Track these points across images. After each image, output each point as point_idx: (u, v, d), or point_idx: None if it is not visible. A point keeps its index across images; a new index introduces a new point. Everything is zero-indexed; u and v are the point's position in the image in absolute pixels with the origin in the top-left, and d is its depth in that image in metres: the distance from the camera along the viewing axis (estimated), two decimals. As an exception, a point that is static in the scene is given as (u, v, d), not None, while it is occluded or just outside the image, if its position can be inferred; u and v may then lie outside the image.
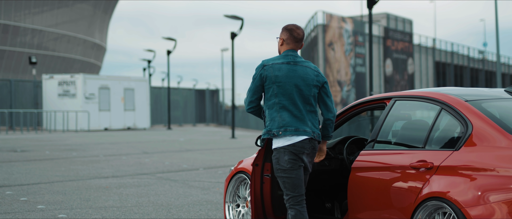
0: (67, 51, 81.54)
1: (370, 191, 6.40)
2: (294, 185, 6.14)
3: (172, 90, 56.36)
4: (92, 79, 43.20)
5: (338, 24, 63.31)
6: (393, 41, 73.57)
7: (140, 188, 12.61)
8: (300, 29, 6.34)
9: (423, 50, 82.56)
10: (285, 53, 6.31)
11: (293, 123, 6.10)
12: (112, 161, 18.53)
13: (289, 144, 6.08)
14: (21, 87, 44.06)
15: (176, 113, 57.05)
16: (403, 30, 77.47)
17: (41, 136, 33.52)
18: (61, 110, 41.74)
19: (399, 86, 74.70)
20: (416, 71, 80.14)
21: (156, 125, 54.13)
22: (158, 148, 24.35)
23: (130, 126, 45.82)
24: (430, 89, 6.61)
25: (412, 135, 6.51)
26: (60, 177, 14.41)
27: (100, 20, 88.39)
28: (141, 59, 58.99)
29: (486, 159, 5.57)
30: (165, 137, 34.55)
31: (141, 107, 46.56)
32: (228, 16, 34.16)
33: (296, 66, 6.21)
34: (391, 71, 73.45)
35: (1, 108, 41.79)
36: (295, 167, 6.12)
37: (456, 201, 5.48)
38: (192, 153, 21.89)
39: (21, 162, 17.93)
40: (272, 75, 6.13)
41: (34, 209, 9.96)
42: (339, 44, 63.46)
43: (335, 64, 62.91)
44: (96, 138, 32.04)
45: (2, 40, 71.66)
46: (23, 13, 73.57)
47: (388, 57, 72.74)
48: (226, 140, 31.20)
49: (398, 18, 77.37)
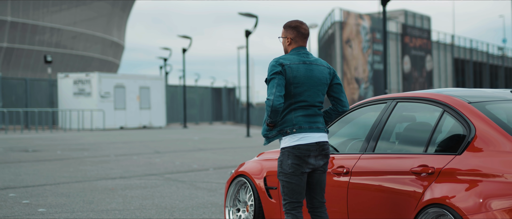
0: (86, 49, 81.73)
1: (369, 196, 6.16)
2: (293, 190, 5.89)
3: (188, 88, 56.24)
4: (108, 78, 43.15)
5: (356, 21, 62.91)
6: (411, 38, 73.06)
7: (146, 189, 12.42)
8: (304, 24, 6.08)
9: (442, 46, 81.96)
10: (296, 51, 6.01)
11: (307, 123, 5.86)
12: (122, 161, 18.37)
13: (296, 145, 5.80)
14: (37, 86, 44.09)
15: (192, 111, 56.92)
16: (421, 27, 76.92)
17: (55, 135, 33.49)
18: (76, 109, 41.73)
19: (417, 83, 74.21)
20: (435, 68, 79.58)
21: (172, 124, 54.04)
22: (170, 147, 24.19)
23: (146, 125, 45.74)
24: (433, 90, 6.35)
25: (413, 138, 6.27)
26: (67, 178, 14.26)
27: (118, 18, 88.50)
28: (158, 57, 58.95)
29: (490, 164, 5.30)
30: (180, 135, 34.42)
31: (156, 105, 46.47)
32: (242, 14, 33.94)
33: (311, 66, 5.95)
34: (409, 68, 72.95)
35: (17, 107, 41.82)
36: (297, 172, 5.85)
37: (458, 208, 5.22)
38: (204, 153, 21.70)
39: (31, 162, 17.81)
40: (291, 76, 5.84)
41: (34, 213, 9.79)
42: (356, 41, 63.08)
43: (352, 61, 62.53)
44: (110, 137, 31.96)
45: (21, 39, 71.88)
46: (41, 12, 73.79)
47: (406, 54, 72.25)
48: (241, 139, 31.00)
49: (416, 14, 76.82)
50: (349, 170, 6.47)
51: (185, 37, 47.42)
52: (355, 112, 7.04)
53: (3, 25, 69.35)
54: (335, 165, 6.66)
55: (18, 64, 72.39)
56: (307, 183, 6.05)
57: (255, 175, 7.56)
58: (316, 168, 5.94)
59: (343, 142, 7.11)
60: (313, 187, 6.03)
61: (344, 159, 6.63)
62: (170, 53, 55.43)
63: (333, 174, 6.61)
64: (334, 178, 6.61)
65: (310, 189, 6.05)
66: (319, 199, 6.05)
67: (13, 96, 42.32)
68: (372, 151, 6.40)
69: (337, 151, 6.96)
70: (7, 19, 69.37)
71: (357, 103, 7.01)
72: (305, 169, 5.87)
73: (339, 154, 6.81)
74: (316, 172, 5.97)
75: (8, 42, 70.45)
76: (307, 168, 5.88)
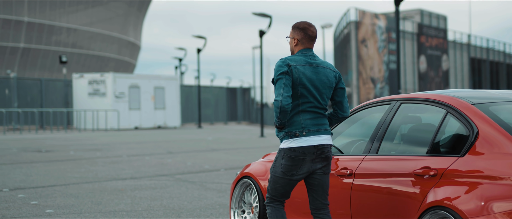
0: (102, 49, 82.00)
1: (372, 198, 6.12)
2: (276, 190, 5.98)
3: (203, 88, 56.28)
4: (122, 78, 43.23)
5: (371, 20, 62.73)
6: (427, 37, 72.75)
7: (155, 190, 12.40)
8: (313, 26, 6.04)
9: (458, 46, 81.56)
10: (303, 53, 5.98)
11: (315, 126, 5.85)
12: (134, 161, 18.38)
13: (292, 147, 5.78)
14: (52, 87, 44.25)
15: (207, 112, 56.95)
16: (437, 26, 76.57)
17: (70, 136, 33.59)
18: (91, 109, 41.85)
19: (433, 83, 73.90)
20: (451, 67, 79.21)
21: (187, 124, 54.09)
22: (184, 148, 24.18)
23: (161, 125, 45.80)
24: (437, 92, 6.29)
25: (416, 139, 6.22)
26: (78, 178, 14.27)
27: (134, 18, 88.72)
28: (173, 57, 59.06)
29: (492, 166, 5.23)
30: (194, 136, 34.43)
31: (171, 105, 46.51)
32: (256, 14, 33.89)
33: (318, 68, 5.93)
34: (425, 67, 72.65)
35: (32, 107, 42.00)
36: (287, 174, 5.86)
37: (460, 211, 5.16)
38: (217, 153, 21.68)
39: (43, 163, 17.85)
40: (297, 77, 5.81)
41: (41, 214, 9.79)
42: (372, 41, 62.89)
43: (368, 61, 62.35)
44: (124, 137, 32.01)
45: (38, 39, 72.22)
46: (58, 12, 74.11)
47: (422, 53, 71.96)
48: (255, 139, 30.96)
49: (432, 14, 76.47)
50: (352, 172, 6.43)
51: (200, 37, 47.45)
52: (360, 113, 7.00)
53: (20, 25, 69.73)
54: (339, 166, 6.63)
55: (35, 64, 72.77)
56: (307, 184, 6.04)
57: (260, 177, 7.52)
58: (313, 171, 5.90)
59: (348, 143, 7.07)
60: (314, 189, 6.00)
61: (348, 161, 6.60)
62: (185, 53, 55.50)
63: (337, 175, 6.58)
64: (338, 179, 6.57)
65: (311, 190, 6.02)
66: (321, 201, 6.02)
67: (28, 97, 42.51)
68: (376, 152, 6.35)
69: (342, 153, 6.92)
70: (24, 20, 69.74)
71: (362, 104, 6.97)
72: (297, 175, 5.88)
73: (343, 156, 6.77)
74: (315, 173, 5.94)
75: (25, 42, 70.82)
76: (300, 173, 5.88)
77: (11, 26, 68.82)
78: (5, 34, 68.69)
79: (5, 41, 68.84)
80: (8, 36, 69.00)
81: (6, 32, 68.70)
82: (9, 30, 68.82)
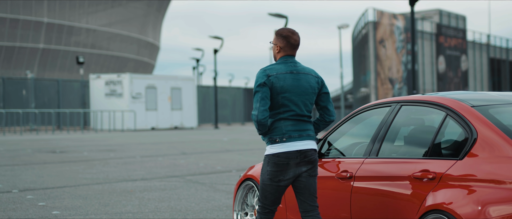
0: (121, 50, 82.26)
1: (372, 201, 6.07)
2: (266, 197, 5.99)
3: (220, 89, 56.31)
4: (139, 79, 43.33)
5: (389, 21, 62.50)
6: (446, 37, 72.38)
7: (164, 192, 12.38)
8: (296, 34, 6.05)
9: (477, 46, 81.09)
10: (284, 60, 6.02)
11: (296, 132, 5.89)
12: (147, 162, 18.39)
13: (276, 153, 5.83)
14: (69, 87, 44.43)
15: (224, 112, 56.97)
16: (456, 27, 76.16)
17: (86, 136, 33.70)
18: (107, 109, 41.98)
19: (452, 84, 73.52)
20: (470, 68, 78.75)
21: (204, 124, 54.13)
22: (198, 149, 24.18)
23: (177, 126, 45.86)
24: (437, 94, 6.23)
25: (416, 142, 6.15)
26: (89, 179, 14.28)
27: (153, 19, 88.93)
28: (191, 58, 59.15)
29: (491, 169, 5.15)
30: (210, 136, 34.43)
31: (188, 106, 46.56)
32: (272, 15, 33.85)
33: (299, 75, 5.96)
34: (444, 68, 72.29)
35: (49, 108, 42.19)
36: (274, 180, 5.90)
37: (458, 215, 5.09)
38: (230, 154, 21.65)
39: (56, 163, 17.90)
40: (278, 86, 5.86)
41: (48, 215, 9.79)
42: (390, 41, 62.65)
43: (386, 61, 62.12)
44: (140, 138, 32.07)
45: (57, 40, 72.58)
46: (77, 13, 74.42)
47: (441, 54, 71.61)
48: (270, 140, 30.88)
49: (451, 14, 76.08)
50: (352, 175, 6.38)
51: (217, 37, 47.46)
52: (361, 115, 6.95)
53: (39, 26, 70.10)
54: (340, 169, 6.59)
55: (54, 65, 73.13)
56: (294, 188, 6.07)
57: (262, 179, 7.47)
58: (299, 174, 5.93)
59: (349, 146, 7.03)
60: (301, 192, 6.03)
61: (349, 164, 6.56)
62: (202, 53, 55.57)
63: (337, 178, 6.54)
64: (338, 182, 6.53)
65: (298, 193, 6.06)
66: (309, 203, 6.05)
67: (45, 97, 42.71)
68: (376, 155, 6.31)
69: (343, 155, 6.88)
70: (44, 20, 70.10)
71: (363, 106, 6.93)
72: (284, 181, 5.91)
73: (344, 158, 6.74)
74: (301, 176, 5.96)
75: (45, 43, 71.20)
76: (287, 178, 5.91)
77: (30, 27, 69.21)
78: (25, 35, 69.08)
79: (25, 42, 69.23)
80: (27, 37, 69.39)
81: (26, 33, 69.09)
82: (29, 31, 69.22)
